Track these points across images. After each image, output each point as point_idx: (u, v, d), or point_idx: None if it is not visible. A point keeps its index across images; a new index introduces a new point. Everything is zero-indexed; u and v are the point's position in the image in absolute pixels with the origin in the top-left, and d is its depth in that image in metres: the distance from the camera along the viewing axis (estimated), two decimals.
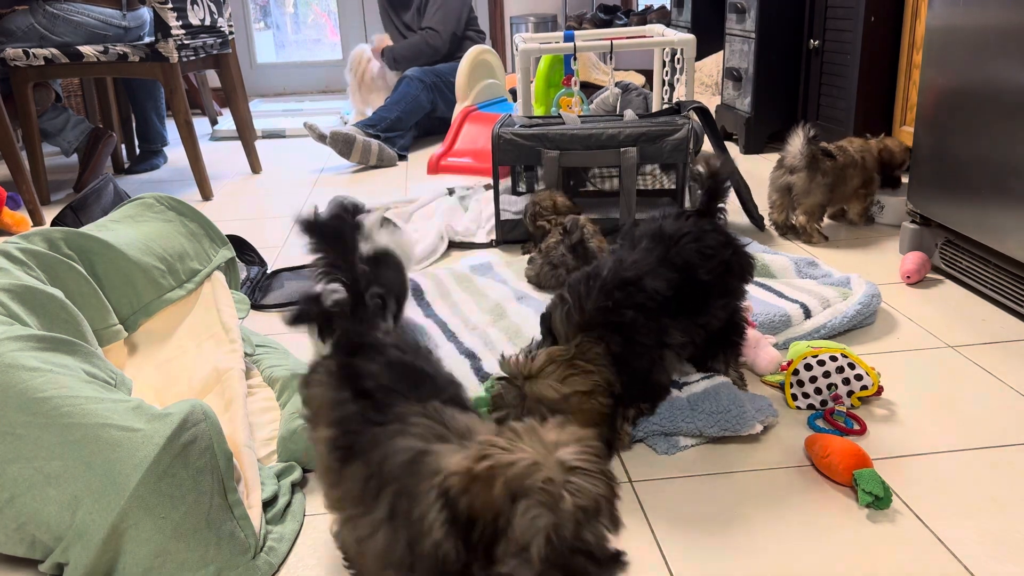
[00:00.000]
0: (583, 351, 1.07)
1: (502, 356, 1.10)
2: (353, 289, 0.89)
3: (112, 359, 1.36)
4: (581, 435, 0.69)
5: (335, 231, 0.91)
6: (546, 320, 1.17)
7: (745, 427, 1.18)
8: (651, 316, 1.11)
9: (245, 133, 3.28)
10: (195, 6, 2.87)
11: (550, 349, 1.09)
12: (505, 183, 2.48)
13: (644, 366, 1.10)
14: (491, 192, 2.41)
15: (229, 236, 1.83)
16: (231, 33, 3.27)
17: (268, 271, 2.05)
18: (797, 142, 2.01)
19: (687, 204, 2.14)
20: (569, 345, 1.09)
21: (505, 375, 1.08)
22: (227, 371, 1.32)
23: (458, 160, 3.13)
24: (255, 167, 3.31)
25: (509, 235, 2.12)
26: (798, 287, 1.67)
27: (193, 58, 2.93)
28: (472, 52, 3.40)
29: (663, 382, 1.16)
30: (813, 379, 1.29)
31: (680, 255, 1.17)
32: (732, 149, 3.11)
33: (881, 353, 1.48)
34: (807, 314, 1.55)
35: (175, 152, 3.57)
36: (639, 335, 1.10)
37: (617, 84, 3.13)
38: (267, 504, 1.07)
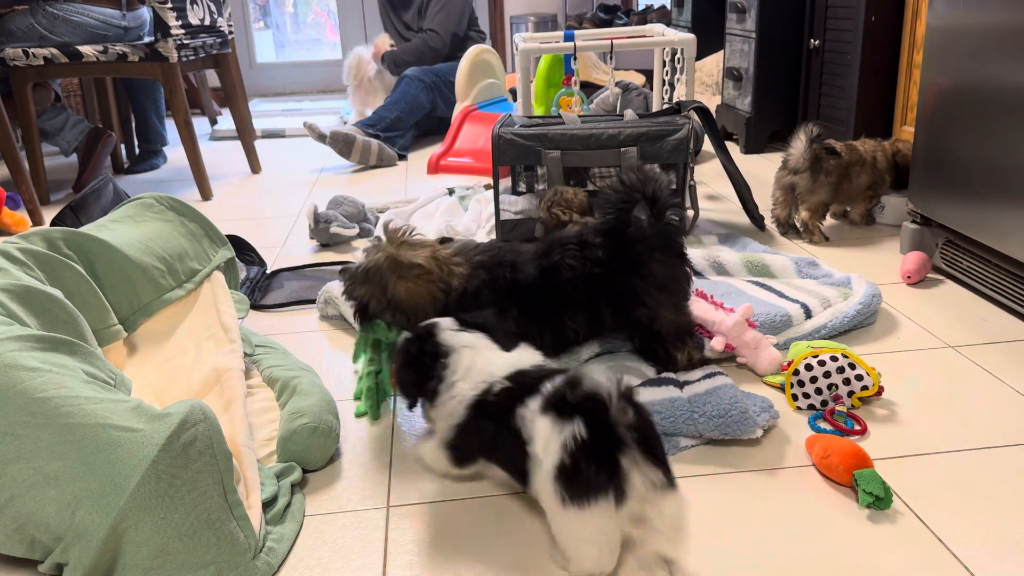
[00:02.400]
0: (449, 260, 1.30)
1: (387, 223, 1.34)
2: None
3: (112, 359, 1.36)
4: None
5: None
6: None
7: (746, 431, 1.18)
8: (498, 293, 1.29)
9: (245, 133, 3.28)
10: (195, 6, 2.87)
11: (436, 246, 1.32)
12: (505, 183, 2.48)
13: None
14: (491, 192, 2.41)
15: (229, 236, 1.83)
16: (231, 33, 3.27)
17: (268, 271, 2.05)
18: (800, 144, 2.01)
19: (687, 204, 2.14)
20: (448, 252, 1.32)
21: (380, 236, 1.32)
22: (227, 371, 1.32)
23: (458, 160, 3.13)
24: (255, 167, 3.31)
25: (509, 235, 2.12)
26: (798, 287, 1.67)
27: (193, 58, 2.93)
28: (472, 52, 3.40)
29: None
30: (813, 379, 1.29)
31: (549, 260, 1.32)
32: (732, 149, 3.11)
33: (881, 353, 1.47)
34: (808, 314, 1.54)
35: (175, 152, 3.57)
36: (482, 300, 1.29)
37: (617, 84, 3.13)
38: (267, 505, 1.07)
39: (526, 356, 1.08)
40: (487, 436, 1.01)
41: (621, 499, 0.87)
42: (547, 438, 0.90)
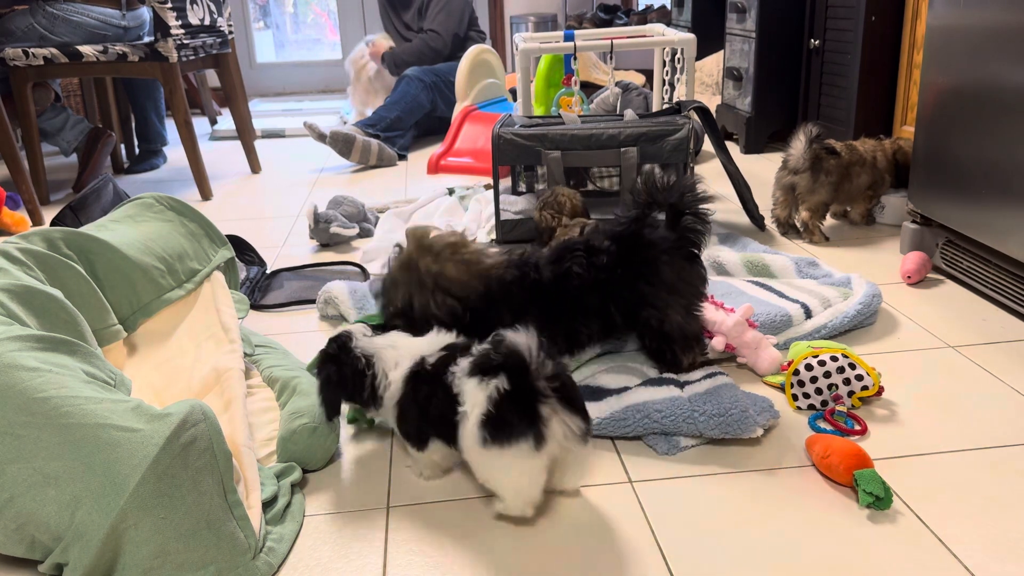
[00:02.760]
0: (477, 245, 1.33)
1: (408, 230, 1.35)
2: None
3: (111, 359, 1.36)
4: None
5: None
6: None
7: (746, 430, 1.18)
8: (524, 291, 1.30)
9: (245, 133, 3.28)
10: (195, 6, 2.86)
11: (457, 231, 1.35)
12: (505, 183, 2.48)
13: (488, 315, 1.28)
14: (491, 192, 2.40)
15: (229, 236, 1.83)
16: (231, 33, 3.27)
17: (268, 271, 2.05)
18: (799, 145, 2.01)
19: None
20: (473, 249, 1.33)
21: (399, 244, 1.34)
22: (226, 371, 1.32)
23: (458, 160, 3.13)
24: (255, 167, 3.31)
25: (509, 235, 2.12)
26: (798, 287, 1.67)
27: (193, 58, 2.93)
28: (472, 52, 3.40)
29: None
30: (814, 379, 1.29)
31: (560, 267, 1.32)
32: (732, 149, 3.11)
33: (881, 353, 1.47)
34: (808, 314, 1.54)
35: (175, 152, 3.57)
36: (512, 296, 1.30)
37: (617, 84, 3.13)
38: (267, 505, 1.07)
39: (447, 336, 1.15)
40: (424, 399, 1.08)
41: (540, 442, 0.97)
42: (474, 395, 0.99)
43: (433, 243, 1.29)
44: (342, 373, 1.15)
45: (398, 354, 1.14)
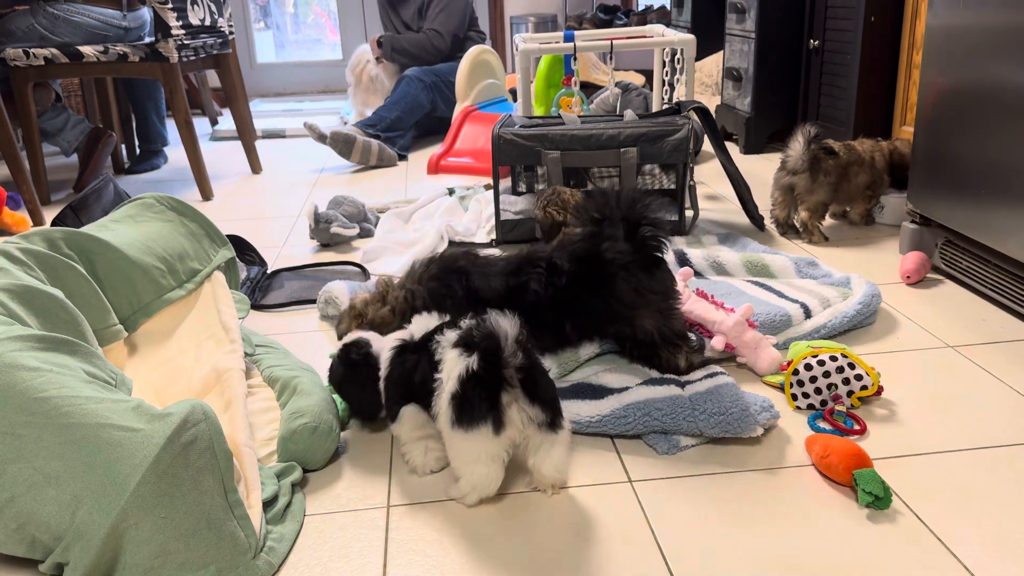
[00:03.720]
0: (392, 290, 1.41)
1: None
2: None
3: (112, 359, 1.36)
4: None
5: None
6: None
7: (746, 429, 1.18)
8: (458, 307, 1.31)
9: (245, 133, 3.28)
10: (195, 6, 2.87)
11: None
12: (505, 183, 2.48)
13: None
14: (491, 192, 2.41)
15: (229, 236, 1.84)
16: (231, 33, 3.27)
17: (268, 271, 2.05)
18: (797, 146, 2.01)
19: (687, 204, 2.14)
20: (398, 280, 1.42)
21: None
22: (227, 371, 1.32)
23: (458, 160, 3.13)
24: (255, 167, 3.31)
25: (509, 235, 2.12)
26: (798, 287, 1.67)
27: (193, 58, 2.93)
28: (472, 52, 3.40)
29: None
30: (813, 379, 1.29)
31: (516, 280, 1.35)
32: (732, 149, 3.11)
33: (881, 353, 1.48)
34: (807, 314, 1.55)
35: (175, 152, 3.57)
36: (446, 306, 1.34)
37: (617, 84, 3.13)
38: (267, 504, 1.07)
39: (437, 319, 1.19)
40: (410, 368, 1.12)
41: (499, 428, 1.02)
42: (451, 367, 1.03)
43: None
44: (352, 371, 1.21)
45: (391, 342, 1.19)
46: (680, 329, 1.37)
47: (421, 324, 1.17)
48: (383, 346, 1.20)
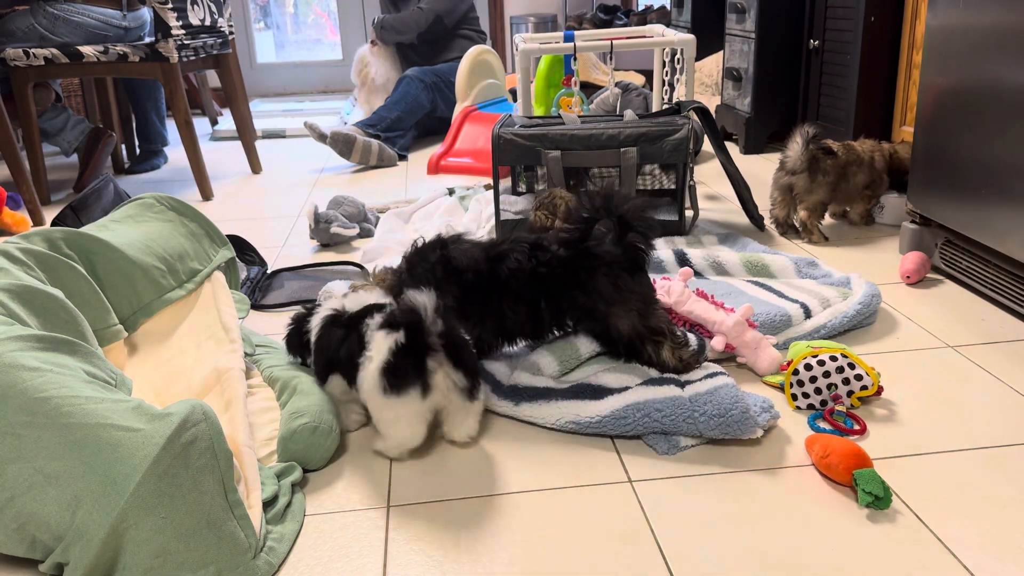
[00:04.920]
0: (384, 272, 1.46)
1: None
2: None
3: (112, 359, 1.36)
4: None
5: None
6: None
7: (746, 431, 1.18)
8: (428, 273, 1.37)
9: (245, 133, 3.28)
10: (195, 6, 2.87)
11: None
12: (505, 183, 2.48)
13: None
14: (491, 192, 2.41)
15: (229, 236, 1.84)
16: (231, 33, 3.27)
17: (268, 271, 2.05)
18: (796, 147, 2.01)
19: (687, 204, 2.14)
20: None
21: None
22: (227, 371, 1.32)
23: (458, 160, 3.13)
24: (255, 167, 3.31)
25: (509, 235, 2.12)
26: (798, 287, 1.67)
27: (193, 58, 2.93)
28: (472, 52, 3.40)
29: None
30: (813, 379, 1.29)
31: (497, 249, 1.38)
32: (732, 149, 3.11)
33: (881, 353, 1.48)
34: (807, 314, 1.55)
35: (175, 152, 3.57)
36: (414, 276, 1.38)
37: (617, 84, 3.13)
38: (267, 504, 1.07)
39: (376, 295, 1.30)
40: (337, 341, 1.23)
41: (426, 391, 1.14)
42: (379, 345, 1.14)
43: None
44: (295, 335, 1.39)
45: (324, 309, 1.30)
46: (657, 325, 1.37)
47: (356, 300, 1.28)
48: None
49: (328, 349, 1.25)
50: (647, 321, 1.36)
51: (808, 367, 1.30)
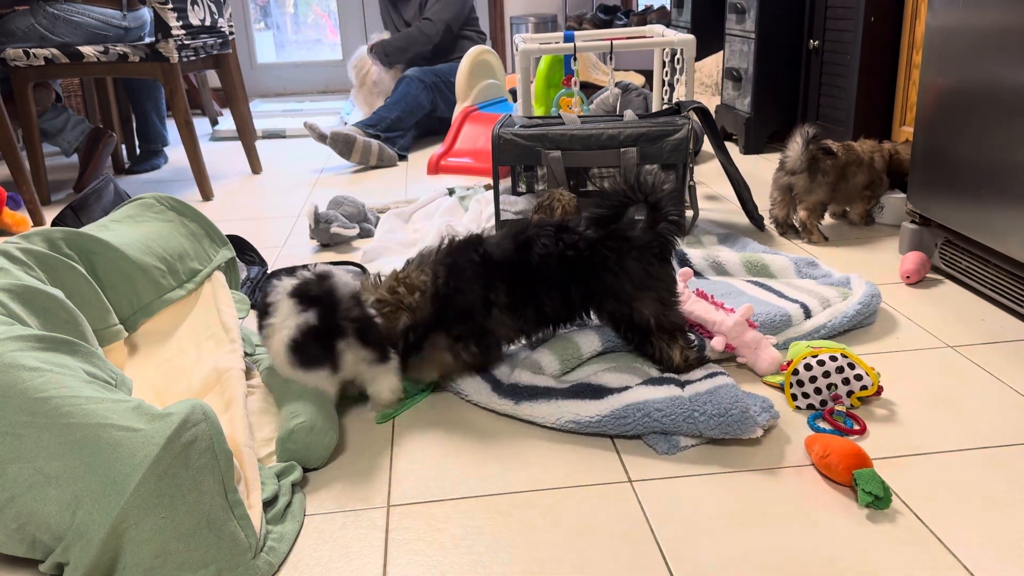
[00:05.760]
0: (409, 275, 1.36)
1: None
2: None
3: (112, 359, 1.36)
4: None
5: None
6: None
7: (746, 431, 1.18)
8: (478, 272, 1.34)
9: (245, 133, 3.28)
10: (195, 6, 2.87)
11: (396, 269, 1.40)
12: (505, 183, 2.48)
13: (465, 304, 1.34)
14: (491, 192, 2.41)
15: (229, 236, 1.83)
16: (231, 33, 3.27)
17: (268, 271, 2.05)
18: (796, 147, 2.01)
19: (687, 204, 2.14)
20: (407, 270, 1.38)
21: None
22: (227, 371, 1.32)
23: (458, 160, 3.13)
24: (255, 167, 3.31)
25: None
26: (798, 287, 1.67)
27: (193, 58, 2.93)
28: (472, 52, 3.40)
29: (489, 328, 1.36)
30: (813, 379, 1.29)
31: (524, 236, 1.38)
32: (732, 149, 3.11)
33: (881, 353, 1.48)
34: (807, 314, 1.55)
35: (175, 152, 3.57)
36: (464, 279, 1.34)
37: (617, 84, 3.13)
38: (267, 504, 1.07)
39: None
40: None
41: (336, 370, 1.23)
42: (286, 315, 1.19)
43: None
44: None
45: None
46: (679, 322, 1.38)
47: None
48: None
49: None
50: (668, 314, 1.36)
51: (808, 367, 1.30)
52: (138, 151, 3.53)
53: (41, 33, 2.87)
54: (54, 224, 2.05)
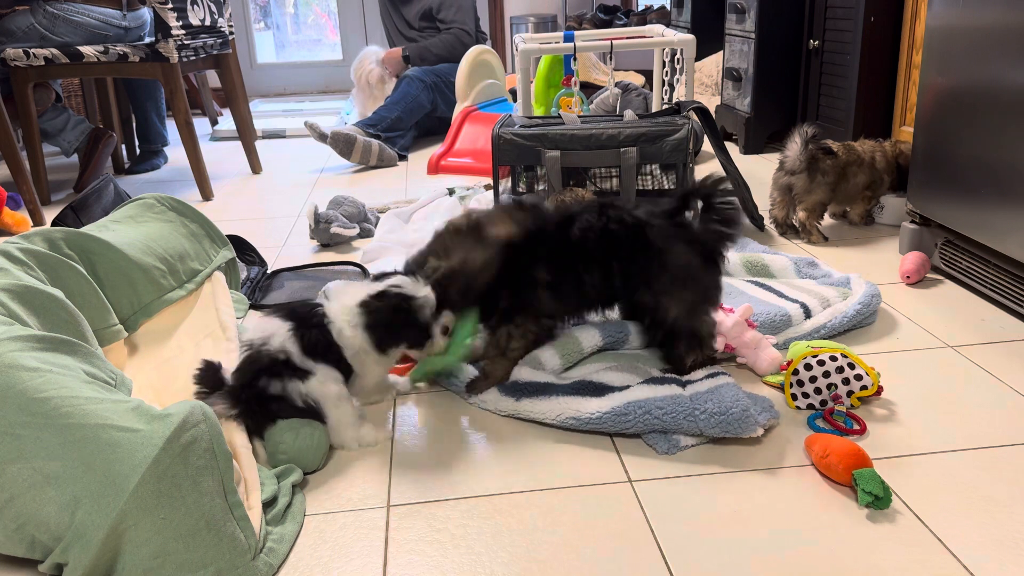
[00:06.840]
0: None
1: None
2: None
3: (112, 359, 1.36)
4: None
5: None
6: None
7: (747, 430, 1.18)
8: (526, 250, 1.32)
9: (245, 133, 3.28)
10: (195, 6, 2.87)
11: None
12: (505, 183, 2.48)
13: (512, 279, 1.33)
14: (491, 192, 2.41)
15: (229, 236, 1.84)
16: (231, 33, 3.27)
17: (268, 271, 2.05)
18: (795, 146, 2.01)
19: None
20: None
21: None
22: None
23: (458, 160, 3.13)
24: (255, 167, 3.31)
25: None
26: (798, 287, 1.67)
27: (193, 58, 2.93)
28: (472, 52, 3.40)
29: (532, 303, 1.35)
30: (813, 379, 1.29)
31: (569, 211, 1.37)
32: (732, 149, 3.11)
33: (881, 353, 1.48)
34: (807, 314, 1.55)
35: (175, 152, 3.57)
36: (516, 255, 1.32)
37: (617, 84, 3.14)
38: (267, 505, 1.07)
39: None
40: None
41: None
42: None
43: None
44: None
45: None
46: (704, 333, 1.34)
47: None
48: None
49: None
50: (697, 320, 1.33)
51: (808, 367, 1.30)
52: (138, 151, 3.53)
53: (41, 33, 2.87)
54: (54, 224, 2.05)
